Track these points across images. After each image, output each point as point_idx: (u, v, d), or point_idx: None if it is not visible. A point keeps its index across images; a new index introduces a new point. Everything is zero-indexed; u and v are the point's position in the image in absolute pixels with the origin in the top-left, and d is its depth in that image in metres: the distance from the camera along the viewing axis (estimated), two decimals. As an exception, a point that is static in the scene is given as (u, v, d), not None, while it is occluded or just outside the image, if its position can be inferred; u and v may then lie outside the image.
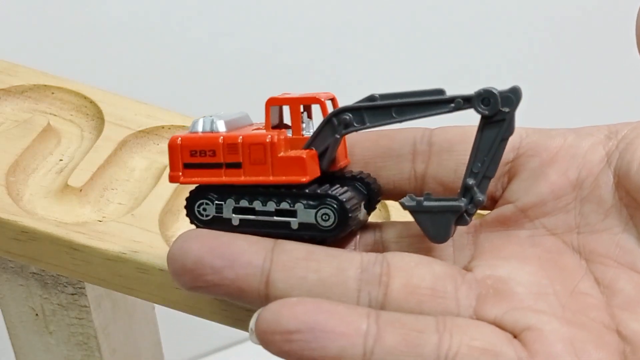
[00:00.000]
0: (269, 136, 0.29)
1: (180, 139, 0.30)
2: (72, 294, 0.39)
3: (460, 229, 0.30)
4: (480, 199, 0.28)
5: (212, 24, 0.74)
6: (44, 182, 0.38)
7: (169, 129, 0.41)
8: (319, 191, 0.29)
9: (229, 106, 0.75)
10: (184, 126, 0.41)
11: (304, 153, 0.29)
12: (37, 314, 0.41)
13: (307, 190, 0.29)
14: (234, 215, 0.30)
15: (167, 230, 0.37)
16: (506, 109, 0.27)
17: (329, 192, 0.29)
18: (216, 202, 0.30)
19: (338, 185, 0.30)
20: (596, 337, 0.26)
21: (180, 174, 0.30)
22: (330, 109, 0.30)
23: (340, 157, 0.31)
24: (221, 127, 0.30)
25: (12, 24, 0.67)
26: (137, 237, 0.35)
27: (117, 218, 0.36)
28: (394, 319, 0.26)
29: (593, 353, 0.26)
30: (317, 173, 0.30)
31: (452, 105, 0.27)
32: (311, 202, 0.29)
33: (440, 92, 0.28)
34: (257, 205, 0.30)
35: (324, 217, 0.29)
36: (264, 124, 0.31)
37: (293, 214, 0.29)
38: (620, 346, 0.26)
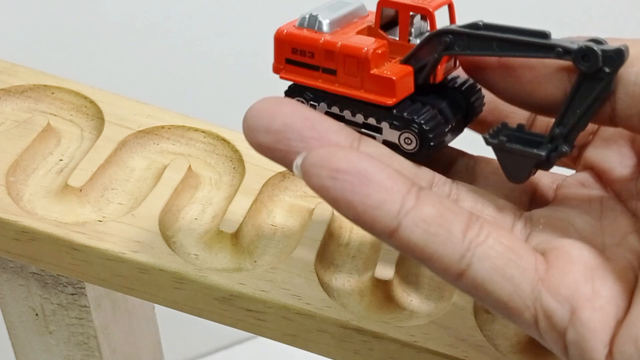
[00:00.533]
0: (365, 49, 0.28)
1: (285, 31, 0.29)
2: (72, 294, 0.39)
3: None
4: (564, 150, 0.28)
5: (212, 24, 0.74)
6: (44, 182, 0.38)
7: (169, 129, 0.41)
8: (405, 114, 0.29)
9: (228, 106, 0.75)
10: (183, 126, 0.41)
11: (396, 73, 0.28)
12: (37, 314, 0.41)
13: (394, 111, 0.29)
14: None
15: (167, 230, 0.37)
16: (607, 69, 0.26)
17: (415, 117, 0.29)
18: (310, 102, 0.30)
19: (429, 107, 0.29)
20: (620, 274, 0.26)
21: (282, 67, 0.30)
22: (441, 21, 0.29)
23: (441, 72, 0.29)
24: (325, 26, 0.29)
25: (12, 24, 0.67)
26: (137, 237, 0.35)
27: (117, 218, 0.36)
28: (437, 197, 0.26)
29: (609, 284, 0.26)
30: (409, 91, 0.29)
31: (552, 54, 0.27)
32: (396, 123, 0.29)
33: (545, 35, 0.27)
34: (346, 114, 0.30)
35: (406, 140, 0.29)
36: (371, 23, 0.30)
37: (379, 130, 0.29)
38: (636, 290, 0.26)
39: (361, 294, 0.36)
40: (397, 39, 0.29)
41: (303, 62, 0.29)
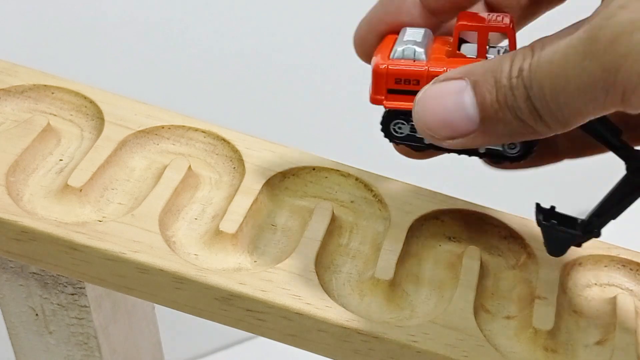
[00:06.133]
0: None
1: (385, 65, 0.32)
2: (72, 294, 0.39)
3: None
4: (598, 236, 0.33)
5: (212, 24, 0.74)
6: (44, 182, 0.38)
7: (169, 129, 0.41)
8: None
9: (228, 106, 0.75)
10: (183, 126, 0.41)
11: None
12: (37, 314, 0.41)
13: None
14: None
15: (167, 230, 0.37)
16: None
17: None
18: (411, 122, 0.32)
19: None
20: None
21: (383, 97, 0.32)
22: (519, 41, 0.31)
23: None
24: (422, 55, 0.32)
25: (12, 24, 0.67)
26: (137, 237, 0.35)
27: (117, 218, 0.36)
28: None
29: None
30: None
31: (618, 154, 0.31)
32: None
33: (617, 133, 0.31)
34: None
35: (510, 145, 0.32)
36: (450, 43, 0.32)
37: None
38: None
39: (361, 294, 0.36)
40: (476, 56, 0.32)
41: (408, 90, 0.32)
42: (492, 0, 0.34)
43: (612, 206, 0.32)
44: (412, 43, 0.32)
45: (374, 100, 0.32)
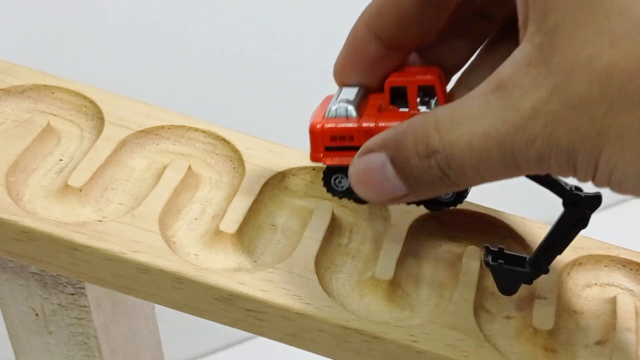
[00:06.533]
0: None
1: (321, 124, 0.33)
2: (72, 294, 0.39)
3: None
4: (547, 272, 0.34)
5: (212, 24, 0.74)
6: (44, 182, 0.38)
7: (169, 129, 0.41)
8: None
9: (228, 106, 0.75)
10: (183, 126, 0.41)
11: None
12: (37, 314, 0.41)
13: None
14: None
15: (167, 230, 0.37)
16: (588, 211, 0.32)
17: None
18: None
19: None
20: None
21: (322, 154, 0.34)
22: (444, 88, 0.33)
23: None
24: (354, 112, 0.33)
25: (12, 24, 0.67)
26: (137, 237, 0.35)
27: (117, 218, 0.36)
28: None
29: None
30: None
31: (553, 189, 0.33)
32: None
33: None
34: None
35: (445, 194, 0.34)
36: (380, 100, 0.34)
37: None
38: None
39: (361, 294, 0.36)
40: (408, 109, 0.33)
41: (343, 146, 0.33)
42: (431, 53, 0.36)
43: (555, 242, 0.33)
44: (344, 101, 0.33)
45: (314, 158, 0.34)
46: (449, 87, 0.35)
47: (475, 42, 0.35)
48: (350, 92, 0.34)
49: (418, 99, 0.33)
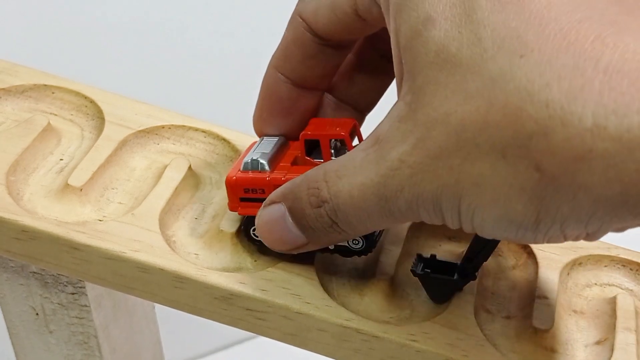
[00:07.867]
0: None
1: (235, 177, 0.35)
2: (73, 294, 0.40)
3: None
4: (475, 279, 0.34)
5: (212, 24, 0.74)
6: (45, 181, 0.38)
7: (169, 128, 0.41)
8: None
9: (228, 106, 0.74)
10: (184, 126, 0.41)
11: None
12: (37, 314, 0.41)
13: None
14: None
15: (167, 230, 0.37)
16: None
17: None
18: None
19: None
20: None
21: (238, 205, 0.35)
22: (355, 140, 0.34)
23: None
24: (266, 166, 0.34)
25: (12, 24, 0.67)
26: (137, 236, 0.35)
27: (118, 217, 0.36)
28: None
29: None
30: None
31: None
32: None
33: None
34: None
35: (353, 241, 0.34)
36: (298, 152, 0.35)
37: None
38: None
39: (361, 293, 0.36)
40: (322, 160, 0.34)
41: (255, 197, 0.34)
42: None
43: (478, 252, 0.34)
44: (259, 154, 0.35)
45: (232, 208, 0.35)
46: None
47: (385, 83, 0.37)
48: (268, 144, 0.36)
49: (332, 151, 0.34)
